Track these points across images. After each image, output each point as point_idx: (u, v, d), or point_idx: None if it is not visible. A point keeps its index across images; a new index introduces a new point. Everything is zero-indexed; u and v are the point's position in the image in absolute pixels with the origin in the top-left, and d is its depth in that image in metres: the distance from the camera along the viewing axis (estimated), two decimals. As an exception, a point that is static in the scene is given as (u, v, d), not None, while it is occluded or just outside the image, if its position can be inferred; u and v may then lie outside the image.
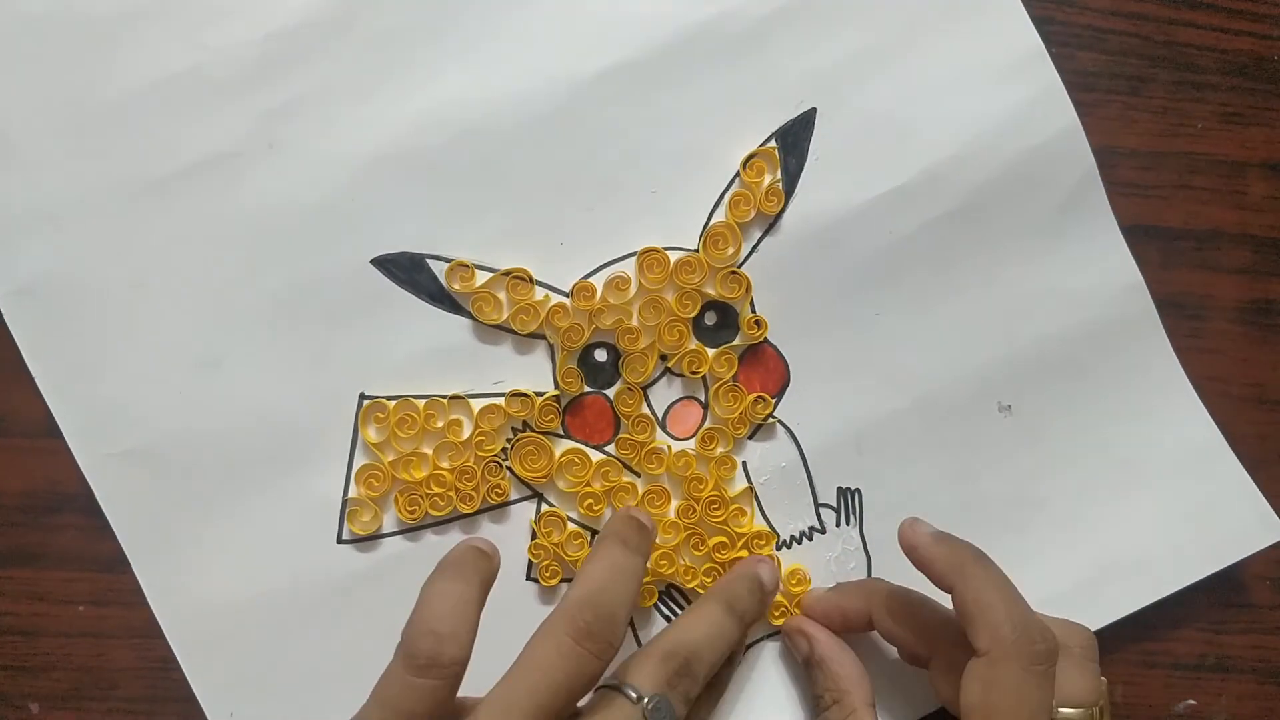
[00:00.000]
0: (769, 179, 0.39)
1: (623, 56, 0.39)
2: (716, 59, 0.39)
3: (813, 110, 0.39)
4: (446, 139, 0.38)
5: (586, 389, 0.39)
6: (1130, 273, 0.41)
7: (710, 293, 0.39)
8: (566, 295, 0.39)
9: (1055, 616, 0.36)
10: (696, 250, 0.39)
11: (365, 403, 0.39)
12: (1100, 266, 0.41)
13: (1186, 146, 0.43)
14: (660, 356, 0.40)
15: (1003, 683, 0.31)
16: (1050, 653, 0.31)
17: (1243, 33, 0.43)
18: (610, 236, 0.39)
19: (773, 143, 0.39)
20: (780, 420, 0.40)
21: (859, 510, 0.40)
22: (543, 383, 0.39)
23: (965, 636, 0.32)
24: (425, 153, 0.38)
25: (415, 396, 0.39)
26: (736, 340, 0.40)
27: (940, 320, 0.40)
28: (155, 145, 0.38)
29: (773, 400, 0.40)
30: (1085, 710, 0.34)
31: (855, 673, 0.37)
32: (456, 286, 0.39)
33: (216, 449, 0.38)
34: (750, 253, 0.40)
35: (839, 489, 0.40)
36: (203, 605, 0.38)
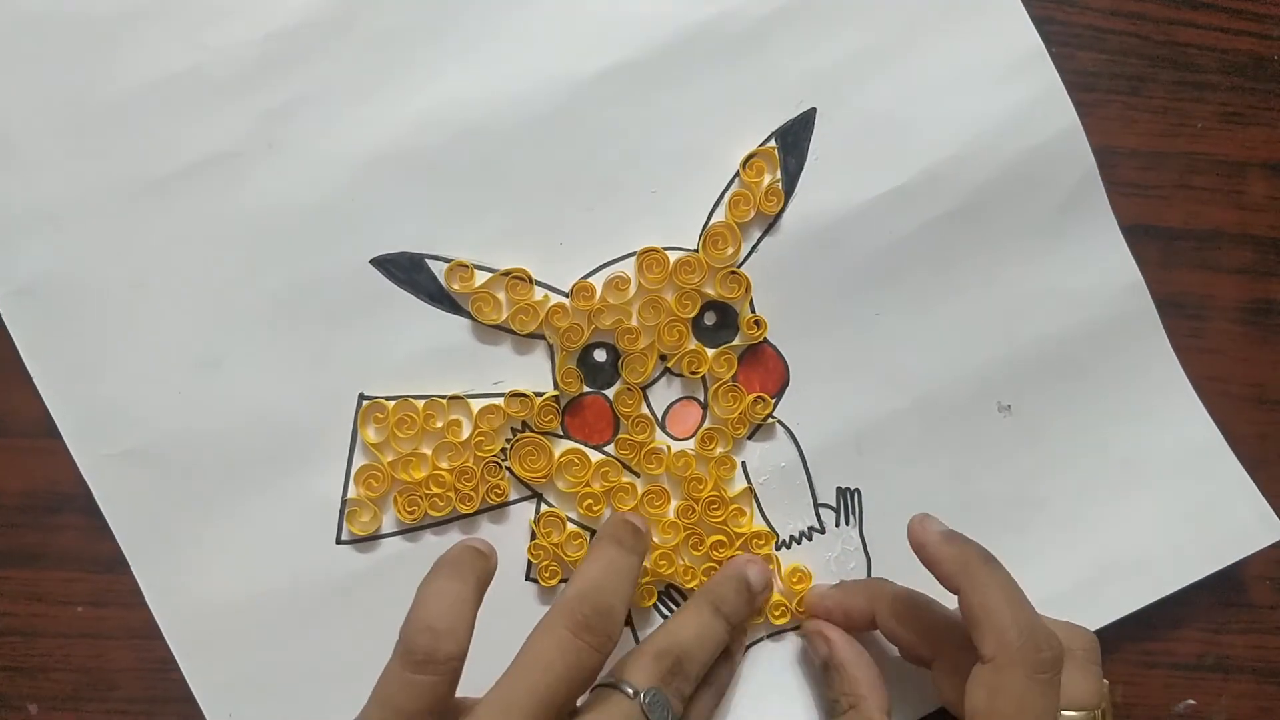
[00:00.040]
0: (769, 179, 0.39)
1: (623, 56, 0.39)
2: (716, 59, 0.39)
3: (813, 110, 0.39)
4: (446, 139, 0.38)
5: (586, 389, 0.39)
6: (1130, 273, 0.41)
7: (710, 293, 0.39)
8: (566, 295, 0.39)
9: (1057, 619, 0.36)
10: (696, 250, 0.39)
11: (365, 403, 0.39)
12: (1100, 266, 0.41)
13: (1187, 146, 0.43)
14: (660, 356, 0.40)
15: (1008, 690, 0.31)
16: (1056, 660, 0.31)
17: (1243, 33, 0.43)
18: (610, 236, 0.39)
19: (773, 143, 0.39)
20: (780, 420, 0.40)
21: (859, 510, 0.40)
22: (542, 383, 0.39)
23: (970, 639, 0.32)
24: (425, 153, 0.38)
25: (415, 397, 0.39)
26: (736, 340, 0.40)
27: (940, 320, 0.40)
28: (155, 145, 0.38)
29: (772, 400, 0.40)
30: (1087, 713, 0.34)
31: (872, 678, 0.37)
32: (456, 286, 0.39)
33: (216, 449, 0.38)
34: (750, 253, 0.40)
35: (839, 489, 0.40)
36: (202, 605, 0.38)
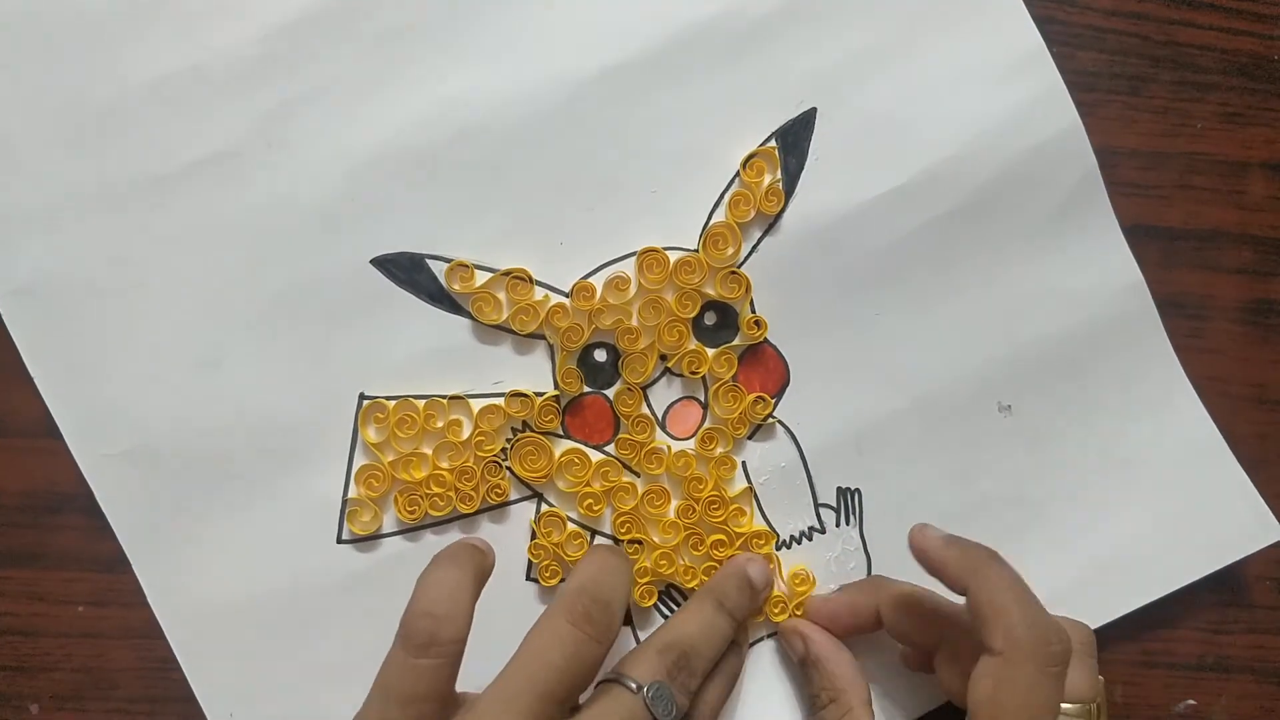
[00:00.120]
0: (769, 179, 0.39)
1: (623, 56, 0.39)
2: (716, 59, 0.39)
3: (813, 110, 0.39)
4: (446, 139, 0.38)
5: (586, 389, 0.39)
6: (1131, 273, 0.41)
7: (710, 293, 0.39)
8: (566, 295, 0.39)
9: (1053, 614, 0.36)
10: (696, 250, 0.39)
11: (365, 403, 0.39)
12: (1101, 266, 0.41)
13: (1187, 146, 0.43)
14: (660, 356, 0.40)
15: (1015, 682, 0.31)
16: (1064, 654, 0.31)
17: (1243, 33, 0.43)
18: (610, 236, 0.39)
19: (773, 142, 0.39)
20: (780, 420, 0.40)
21: (859, 510, 0.40)
22: (542, 383, 0.39)
23: (974, 629, 0.32)
24: (425, 153, 0.38)
25: (415, 397, 0.39)
26: (736, 340, 0.40)
27: (940, 320, 0.40)
28: (155, 145, 0.38)
29: (772, 400, 0.40)
30: (1083, 706, 0.34)
31: (851, 672, 0.37)
32: (456, 286, 0.39)
33: (217, 449, 0.38)
34: (750, 253, 0.40)
35: (839, 489, 0.40)
36: (203, 605, 0.38)
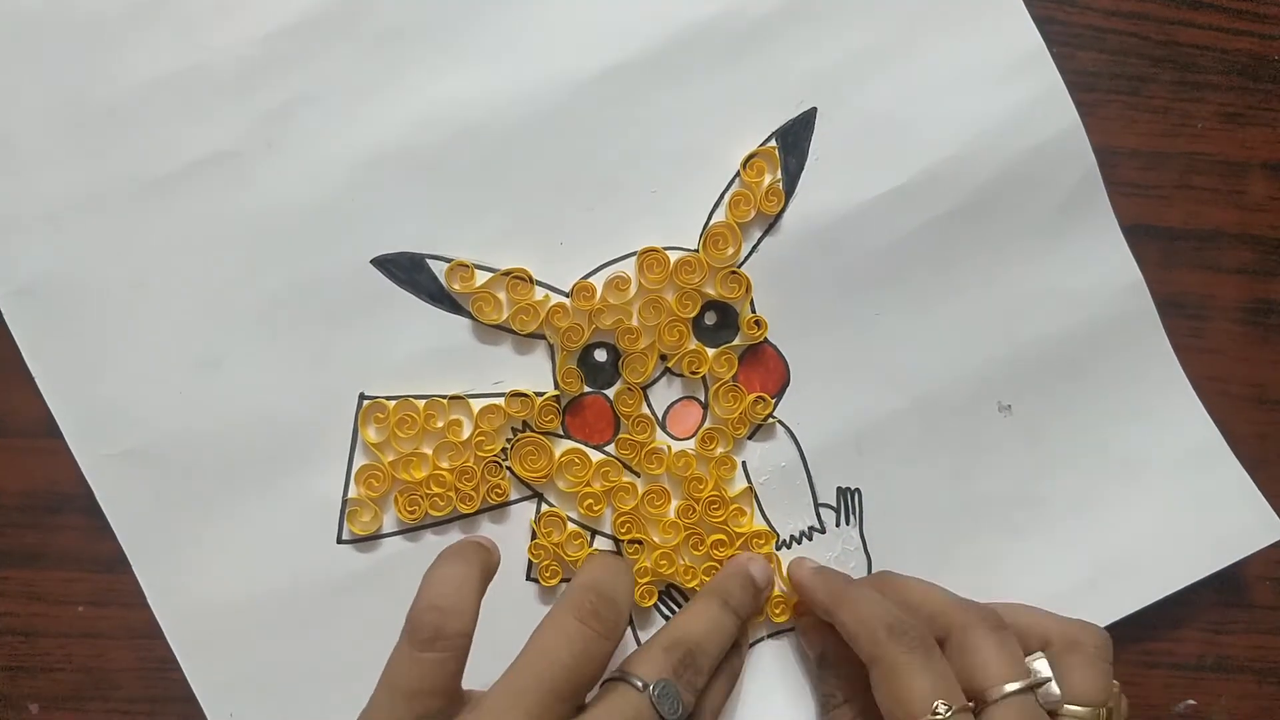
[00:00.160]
0: (769, 179, 0.39)
1: (623, 56, 0.39)
2: (716, 59, 0.39)
3: (813, 110, 0.39)
4: (446, 139, 0.38)
5: (586, 389, 0.39)
6: (1131, 273, 0.41)
7: (710, 293, 0.39)
8: (566, 295, 0.39)
9: (1070, 616, 0.36)
10: (696, 250, 0.39)
11: (365, 403, 0.39)
12: (1101, 266, 0.41)
13: (1187, 146, 0.43)
14: (660, 356, 0.40)
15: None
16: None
17: (1243, 33, 0.43)
18: (610, 236, 0.39)
19: (773, 142, 0.39)
20: (780, 420, 0.40)
21: (859, 510, 0.40)
22: (543, 383, 0.39)
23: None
24: (425, 153, 0.38)
25: (415, 397, 0.39)
26: (736, 340, 0.40)
27: (940, 320, 0.40)
28: (155, 145, 0.38)
29: (773, 400, 0.40)
30: (1092, 710, 0.34)
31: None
32: (456, 286, 0.39)
33: (216, 449, 0.38)
34: (750, 253, 0.40)
35: (839, 489, 0.40)
36: (203, 605, 0.38)
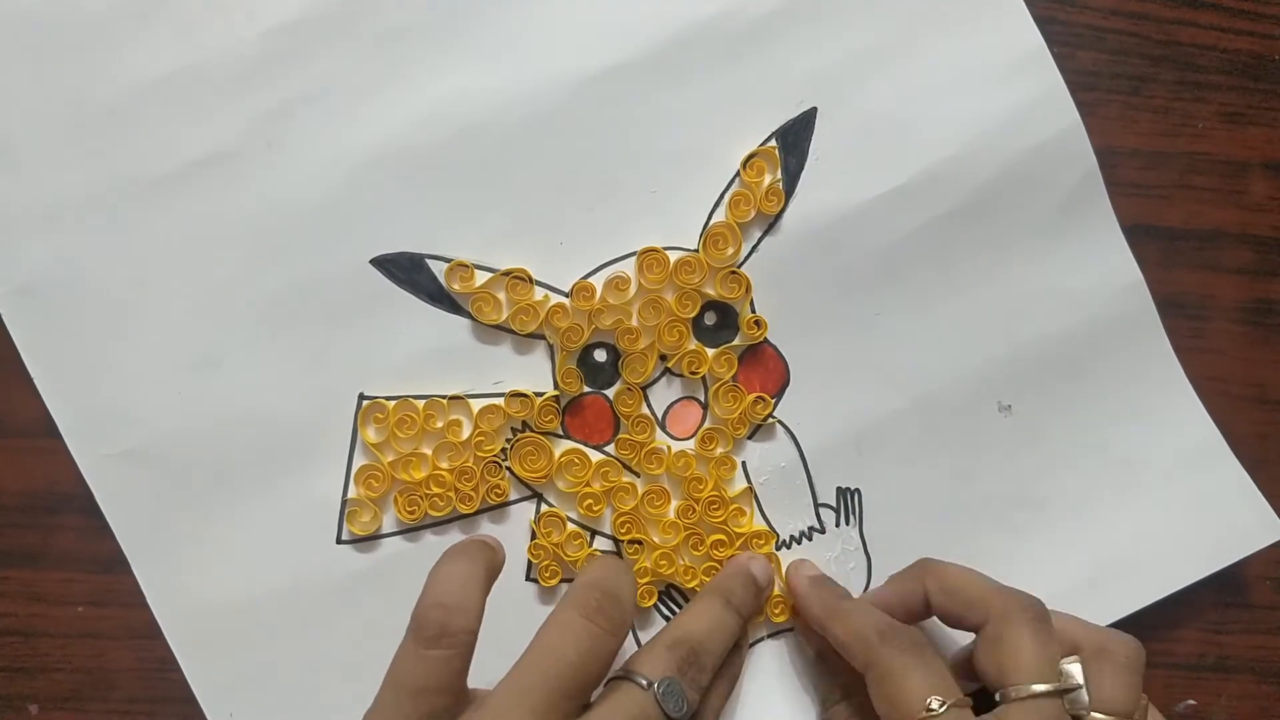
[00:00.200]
0: (769, 179, 0.39)
1: (623, 56, 0.39)
2: (716, 59, 0.39)
3: (813, 110, 0.39)
4: (446, 139, 0.38)
5: (586, 389, 0.39)
6: (1131, 273, 0.41)
7: (710, 293, 0.39)
8: (566, 295, 0.39)
9: (1103, 626, 0.36)
10: (696, 250, 0.39)
11: (364, 403, 0.39)
12: (1101, 266, 0.41)
13: (1187, 146, 0.43)
14: (660, 356, 0.40)
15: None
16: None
17: (1243, 32, 0.43)
18: (610, 236, 0.39)
19: (773, 142, 0.39)
20: (780, 420, 0.40)
21: (859, 510, 0.40)
22: (542, 383, 0.39)
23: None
24: (425, 153, 0.38)
25: (415, 397, 0.39)
26: (736, 340, 0.40)
27: (940, 320, 0.40)
28: (155, 145, 0.38)
29: (772, 400, 0.40)
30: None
31: None
32: (456, 286, 0.39)
33: (216, 449, 0.38)
34: (750, 253, 0.40)
35: (839, 489, 0.40)
36: (203, 605, 0.38)
